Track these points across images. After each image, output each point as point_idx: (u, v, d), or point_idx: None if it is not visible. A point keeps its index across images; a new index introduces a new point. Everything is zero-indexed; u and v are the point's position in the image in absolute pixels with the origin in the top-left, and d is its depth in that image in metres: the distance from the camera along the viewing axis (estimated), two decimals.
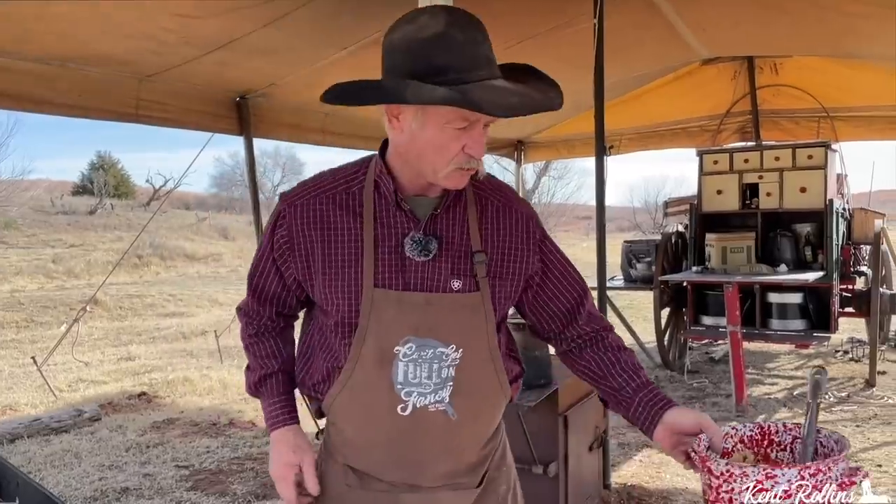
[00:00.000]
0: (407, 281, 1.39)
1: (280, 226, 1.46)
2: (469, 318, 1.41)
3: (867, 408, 5.26)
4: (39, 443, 4.93)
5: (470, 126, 1.31)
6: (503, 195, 1.51)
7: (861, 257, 6.61)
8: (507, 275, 1.46)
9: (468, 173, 1.38)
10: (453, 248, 1.42)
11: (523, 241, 1.49)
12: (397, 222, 1.41)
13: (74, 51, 3.54)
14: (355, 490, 1.49)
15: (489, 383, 1.46)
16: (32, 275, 17.01)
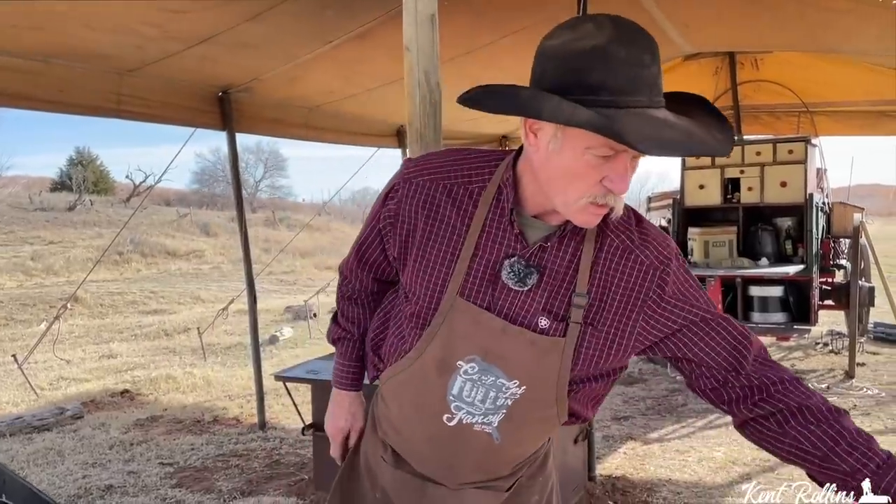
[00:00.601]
0: (494, 303, 1.30)
1: (391, 198, 1.40)
2: (542, 361, 1.30)
3: (847, 399, 5.34)
4: (22, 441, 4.88)
5: (615, 156, 1.15)
6: (629, 235, 1.32)
7: (840, 251, 6.70)
8: (605, 326, 1.30)
9: (602, 210, 1.21)
10: (553, 283, 1.30)
11: (638, 290, 1.30)
12: (504, 237, 1.30)
13: (56, 46, 3.50)
14: (389, 466, 1.50)
15: (544, 421, 1.39)
16: (11, 272, 16.82)
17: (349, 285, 1.58)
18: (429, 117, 2.61)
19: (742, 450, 4.31)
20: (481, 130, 7.35)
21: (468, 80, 1.61)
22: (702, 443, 4.49)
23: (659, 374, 6.32)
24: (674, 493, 3.74)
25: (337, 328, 1.61)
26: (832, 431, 1.26)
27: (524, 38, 4.45)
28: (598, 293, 1.29)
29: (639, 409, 5.31)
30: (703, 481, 3.89)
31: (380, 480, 1.53)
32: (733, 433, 4.59)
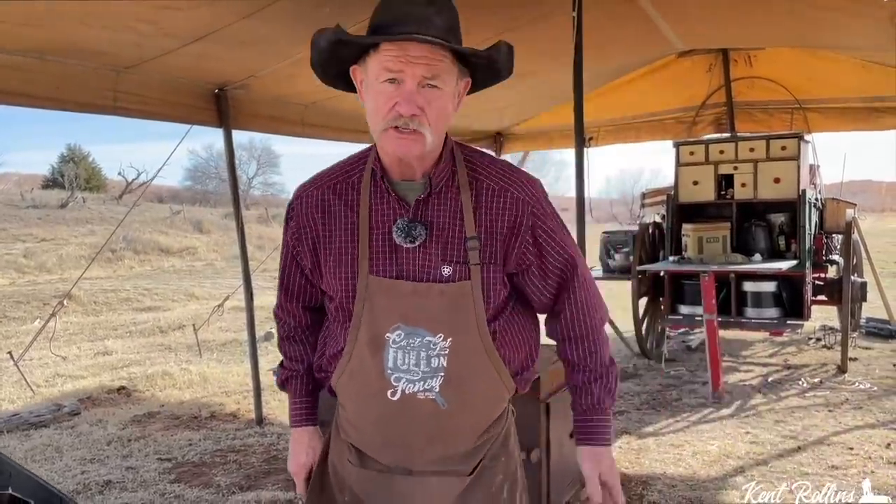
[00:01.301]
0: (400, 268, 1.42)
1: (291, 218, 1.54)
2: (456, 308, 1.41)
3: (839, 393, 5.39)
4: (19, 438, 4.89)
5: (401, 83, 1.33)
6: (501, 176, 1.48)
7: (833, 246, 6.75)
8: (498, 259, 1.44)
9: (407, 136, 1.35)
10: (445, 234, 1.42)
11: (516, 226, 1.45)
12: (389, 208, 1.44)
13: (53, 43, 3.50)
14: (355, 467, 1.55)
15: (484, 375, 1.46)
16: (4, 270, 16.76)
17: (285, 325, 1.68)
18: None
19: (735, 444, 4.36)
20: (476, 127, 7.38)
21: None
22: (696, 437, 4.53)
23: (653, 370, 6.36)
24: (669, 486, 3.78)
25: (283, 371, 1.69)
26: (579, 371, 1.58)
27: (520, 35, 4.46)
28: (487, 233, 1.43)
29: (633, 403, 5.35)
30: (697, 475, 3.92)
31: (347, 483, 1.57)
32: (727, 427, 4.65)
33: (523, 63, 1.44)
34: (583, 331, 1.55)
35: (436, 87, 1.35)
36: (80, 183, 29.56)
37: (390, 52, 1.33)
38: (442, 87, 1.36)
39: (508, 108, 6.80)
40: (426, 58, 1.33)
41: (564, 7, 3.85)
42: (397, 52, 1.32)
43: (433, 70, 1.34)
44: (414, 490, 1.51)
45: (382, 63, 1.33)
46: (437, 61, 1.34)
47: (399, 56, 1.32)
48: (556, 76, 5.34)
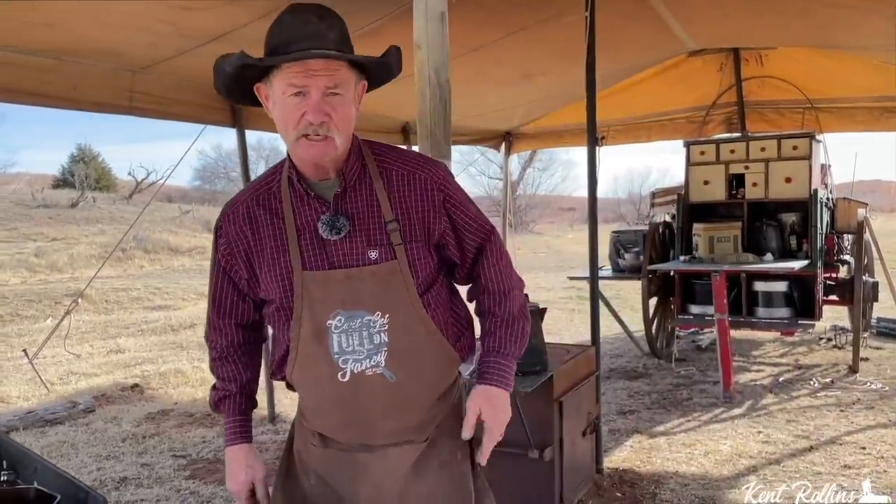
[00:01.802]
0: (331, 260, 1.53)
1: (220, 237, 1.64)
2: (388, 286, 1.53)
3: (851, 393, 5.38)
4: (35, 435, 4.94)
5: (306, 95, 1.46)
6: (407, 163, 1.62)
7: (844, 246, 6.73)
8: (420, 237, 1.57)
9: (319, 142, 1.48)
10: (366, 222, 1.55)
11: (429, 203, 1.58)
12: (311, 209, 1.56)
13: (70, 43, 3.54)
14: (319, 449, 1.65)
15: (426, 345, 1.57)
16: (15, 269, 16.84)
17: (217, 346, 1.73)
18: (439, 114, 2.65)
19: (748, 443, 4.36)
20: (487, 126, 7.39)
21: (477, 77, 1.70)
22: (707, 436, 4.53)
23: (663, 369, 6.36)
24: (681, 485, 3.78)
25: (215, 392, 1.75)
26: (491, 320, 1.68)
27: (532, 34, 4.49)
28: (404, 214, 1.56)
29: (644, 403, 5.35)
30: (709, 474, 3.93)
31: (311, 467, 1.68)
32: (739, 427, 4.65)
33: (534, 63, 1.52)
34: (496, 286, 1.67)
35: (338, 94, 1.48)
36: (91, 183, 29.67)
37: (292, 69, 1.45)
38: (343, 94, 1.50)
39: (519, 107, 6.82)
40: (325, 69, 1.46)
41: (576, 7, 3.86)
42: (299, 69, 1.45)
43: (334, 79, 1.48)
44: (373, 462, 1.62)
45: (287, 80, 1.46)
46: (336, 70, 1.48)
47: (301, 72, 1.45)
48: (567, 76, 5.35)
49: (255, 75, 1.53)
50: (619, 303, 8.86)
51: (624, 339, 7.40)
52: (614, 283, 9.14)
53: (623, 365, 6.60)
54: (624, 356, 6.97)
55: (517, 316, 1.68)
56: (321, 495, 1.66)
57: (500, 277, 1.68)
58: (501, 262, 1.69)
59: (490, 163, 28.88)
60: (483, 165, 32.55)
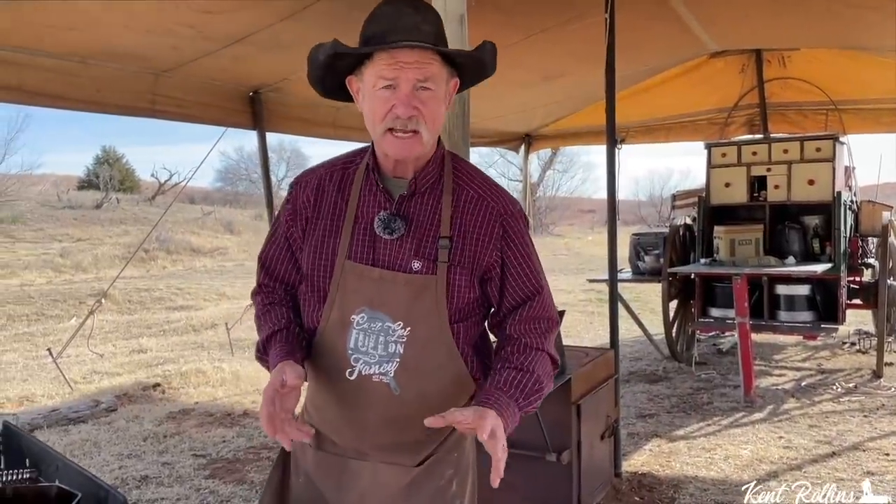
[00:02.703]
0: (375, 257, 1.51)
1: (288, 202, 1.63)
2: (418, 299, 1.49)
3: (875, 398, 5.31)
4: (58, 433, 5.00)
5: (396, 87, 1.43)
6: (482, 187, 1.57)
7: (868, 249, 6.64)
8: (467, 265, 1.52)
9: (407, 139, 1.45)
10: (421, 231, 1.51)
11: (487, 232, 1.53)
12: (376, 201, 1.54)
13: (94, 47, 3.59)
14: (312, 449, 1.63)
15: (441, 366, 1.52)
16: (41, 269, 17.10)
17: (270, 295, 1.64)
18: (457, 116, 2.66)
19: (768, 448, 4.31)
20: (506, 128, 7.38)
21: (494, 80, 1.69)
22: (728, 440, 4.49)
23: (683, 373, 6.31)
24: (700, 489, 3.75)
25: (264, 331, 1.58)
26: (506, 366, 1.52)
27: (552, 36, 4.48)
28: (460, 237, 1.52)
29: (664, 406, 5.31)
30: (729, 479, 3.89)
31: (302, 466, 1.65)
32: (760, 432, 4.60)
33: (555, 65, 1.51)
34: (523, 339, 1.55)
35: (429, 88, 1.45)
36: (115, 184, 30.05)
37: (384, 61, 1.43)
38: (434, 89, 1.46)
39: (538, 109, 6.81)
40: (418, 62, 1.43)
41: (597, 8, 3.85)
42: (390, 60, 1.42)
43: (425, 73, 1.44)
44: (364, 473, 1.58)
45: (377, 71, 1.43)
46: (428, 64, 1.44)
47: (392, 63, 1.42)
48: (588, 77, 5.33)
49: (348, 67, 1.50)
50: (640, 305, 8.81)
51: (644, 343, 7.35)
52: (634, 286, 9.09)
53: (643, 368, 6.56)
54: (644, 359, 6.93)
55: (537, 374, 1.51)
56: (307, 496, 1.64)
57: (533, 333, 1.55)
58: (541, 322, 1.56)
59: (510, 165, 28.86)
60: (503, 167, 32.50)
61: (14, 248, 19.32)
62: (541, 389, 1.52)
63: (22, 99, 3.73)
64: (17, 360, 7.96)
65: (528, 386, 1.49)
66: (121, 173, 32.98)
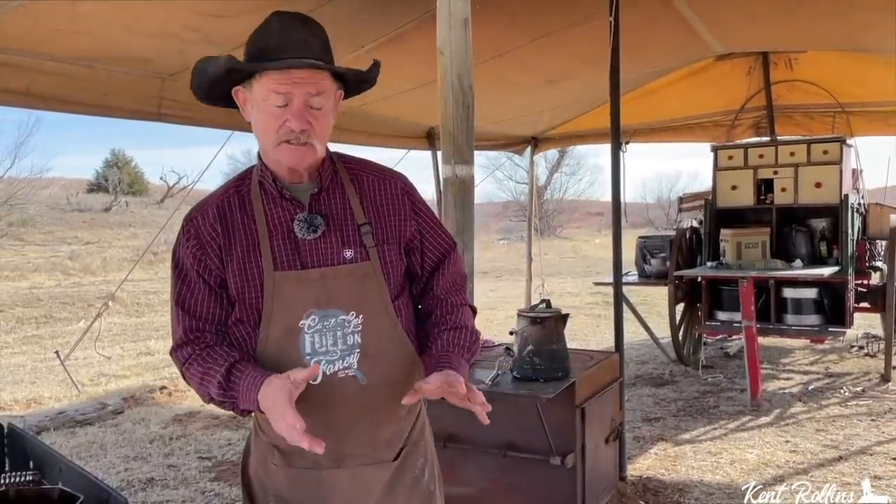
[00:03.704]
0: (304, 260, 1.52)
1: (188, 239, 1.55)
2: (363, 286, 1.53)
3: (882, 402, 5.27)
4: (65, 435, 5.03)
5: (289, 102, 1.46)
6: (376, 171, 1.66)
7: (876, 252, 6.61)
8: (392, 240, 1.59)
9: (300, 149, 1.49)
10: (339, 223, 1.56)
11: (399, 207, 1.62)
12: (285, 210, 1.55)
13: (101, 50, 3.60)
14: (282, 469, 1.58)
15: (396, 348, 1.57)
16: (50, 272, 17.18)
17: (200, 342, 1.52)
18: (462, 120, 2.66)
19: (775, 452, 4.29)
20: (513, 132, 7.38)
21: (500, 83, 1.69)
22: (734, 444, 4.47)
23: (690, 376, 6.29)
24: (706, 494, 3.74)
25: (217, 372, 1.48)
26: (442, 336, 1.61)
27: (555, 40, 4.48)
28: (375, 218, 1.58)
29: (669, 410, 5.30)
30: (735, 483, 3.88)
31: (271, 489, 1.59)
32: (766, 435, 4.58)
33: (560, 68, 1.50)
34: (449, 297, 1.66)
35: (319, 106, 1.49)
36: (124, 187, 30.17)
37: (276, 78, 1.45)
38: (325, 103, 1.50)
39: (544, 113, 6.80)
40: (311, 78, 1.47)
41: (601, 11, 3.85)
42: (284, 77, 1.45)
43: (318, 88, 1.48)
44: (344, 482, 1.56)
45: (270, 87, 1.45)
46: (320, 80, 1.48)
47: (286, 80, 1.45)
48: (594, 80, 5.32)
49: (236, 79, 1.52)
50: (646, 309, 8.79)
51: (650, 346, 7.33)
52: (641, 289, 9.06)
53: (649, 371, 6.54)
54: (650, 363, 6.91)
55: (470, 327, 1.65)
56: None
57: (454, 289, 1.67)
58: (458, 277, 1.68)
59: (517, 167, 28.82)
60: (510, 170, 32.45)
61: (24, 250, 19.43)
62: (477, 340, 1.65)
63: (29, 103, 3.75)
64: (26, 363, 8.01)
65: (468, 340, 1.61)
66: (130, 176, 33.10)
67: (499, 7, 3.69)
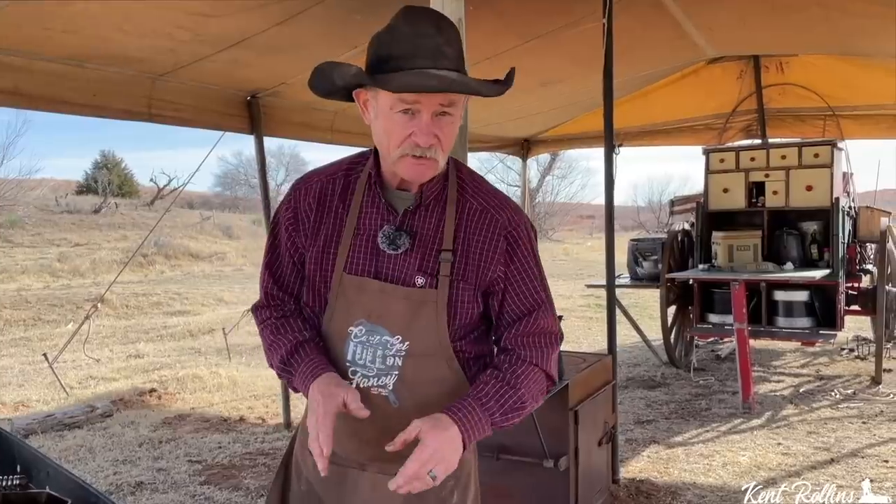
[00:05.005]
0: (378, 271, 1.47)
1: (287, 208, 1.56)
2: (418, 313, 1.45)
3: (873, 405, 5.29)
4: (53, 438, 4.98)
5: (416, 113, 1.36)
6: (486, 199, 1.51)
7: (867, 255, 6.64)
8: (470, 279, 1.47)
9: (421, 163, 1.39)
10: (424, 245, 1.47)
11: (492, 246, 1.48)
12: (378, 214, 1.49)
13: (91, 50, 3.57)
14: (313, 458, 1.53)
15: (441, 381, 1.48)
16: (38, 273, 17.06)
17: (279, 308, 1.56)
18: None
19: (767, 454, 4.30)
20: (505, 134, 7.38)
21: None
22: (726, 447, 4.47)
23: (682, 379, 6.30)
24: (699, 496, 3.73)
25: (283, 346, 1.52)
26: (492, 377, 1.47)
27: (549, 41, 4.48)
28: (462, 250, 1.47)
29: (662, 412, 5.30)
30: (728, 485, 3.88)
31: (304, 473, 1.62)
32: (758, 438, 4.59)
33: (553, 71, 1.47)
34: (518, 351, 1.50)
35: (449, 114, 1.39)
36: (113, 189, 30.01)
37: None
38: (454, 114, 1.40)
39: (537, 115, 6.81)
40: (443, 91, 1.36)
41: (594, 13, 3.85)
42: None
43: (449, 99, 1.38)
44: (364, 484, 1.55)
45: (399, 97, 1.35)
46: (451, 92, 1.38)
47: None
48: (586, 83, 5.33)
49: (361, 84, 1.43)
50: (638, 311, 8.80)
51: (642, 348, 7.34)
52: (633, 292, 9.07)
53: (641, 374, 6.54)
54: (642, 365, 6.91)
55: (522, 389, 1.45)
56: (309, 502, 1.62)
57: (530, 345, 1.49)
58: (540, 336, 1.50)
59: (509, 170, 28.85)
60: (502, 173, 32.47)
61: (12, 252, 19.28)
62: (522, 408, 1.46)
63: (18, 103, 3.72)
64: (14, 365, 7.93)
65: (509, 403, 1.44)
66: (119, 178, 32.93)
67: (492, 8, 3.68)
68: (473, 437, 1.39)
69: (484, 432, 1.41)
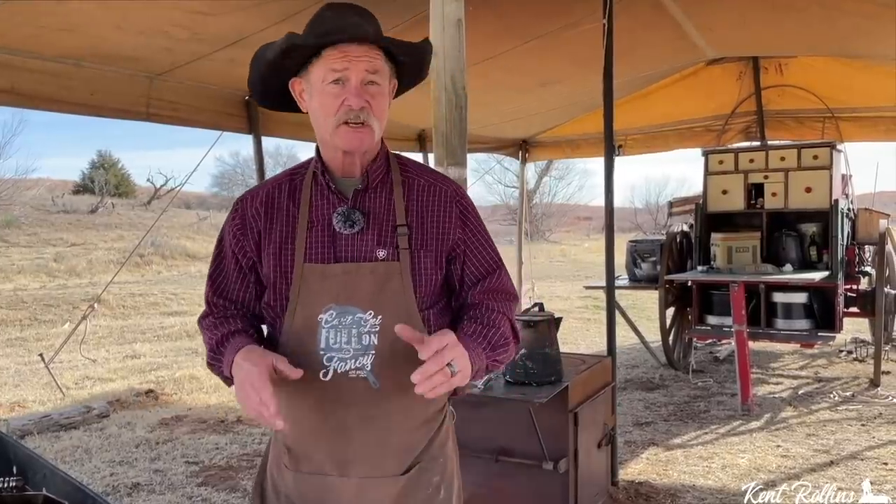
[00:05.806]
0: (338, 254, 1.51)
1: (233, 218, 1.60)
2: (385, 285, 1.49)
3: (872, 407, 5.28)
4: (49, 439, 4.95)
5: (346, 81, 1.46)
6: (430, 176, 1.63)
7: (865, 257, 6.64)
8: (430, 246, 1.54)
9: (358, 130, 1.48)
10: (379, 222, 1.53)
11: (446, 214, 1.57)
12: (329, 203, 1.55)
13: (88, 49, 3.56)
14: (290, 471, 1.57)
15: (416, 355, 1.42)
16: (34, 273, 17.02)
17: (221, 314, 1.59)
18: (455, 121, 2.64)
19: (766, 457, 4.29)
20: (504, 135, 7.38)
21: (492, 85, 1.67)
22: (725, 449, 4.46)
23: (680, 381, 6.29)
24: (698, 498, 3.72)
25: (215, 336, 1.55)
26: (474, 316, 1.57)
27: (548, 42, 4.47)
28: (417, 222, 1.55)
29: (660, 414, 5.28)
30: (727, 488, 3.86)
31: (282, 488, 1.58)
32: (757, 440, 4.58)
33: (551, 71, 1.49)
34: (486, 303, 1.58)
35: (376, 83, 1.49)
36: (110, 189, 29.95)
37: (333, 56, 1.46)
38: (381, 83, 1.51)
39: (536, 116, 6.80)
40: (366, 56, 1.47)
41: (594, 15, 3.84)
42: (340, 54, 1.46)
43: (374, 65, 1.48)
44: (349, 493, 1.52)
45: (328, 65, 1.46)
46: (375, 58, 1.49)
47: (342, 57, 1.46)
48: (585, 84, 5.32)
49: (292, 68, 1.53)
50: (636, 313, 8.80)
51: (641, 350, 7.33)
52: (631, 293, 9.07)
53: (640, 376, 6.53)
54: (640, 367, 6.90)
55: (502, 330, 1.54)
56: None
57: (497, 298, 1.58)
58: (503, 294, 1.60)
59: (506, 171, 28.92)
60: (500, 174, 32.52)
61: (8, 252, 19.23)
62: (507, 344, 1.55)
63: (15, 102, 3.69)
64: (10, 366, 7.90)
65: (495, 338, 1.53)
66: (116, 178, 32.88)
67: (492, 8, 3.67)
68: (476, 362, 1.45)
69: (481, 360, 1.49)
